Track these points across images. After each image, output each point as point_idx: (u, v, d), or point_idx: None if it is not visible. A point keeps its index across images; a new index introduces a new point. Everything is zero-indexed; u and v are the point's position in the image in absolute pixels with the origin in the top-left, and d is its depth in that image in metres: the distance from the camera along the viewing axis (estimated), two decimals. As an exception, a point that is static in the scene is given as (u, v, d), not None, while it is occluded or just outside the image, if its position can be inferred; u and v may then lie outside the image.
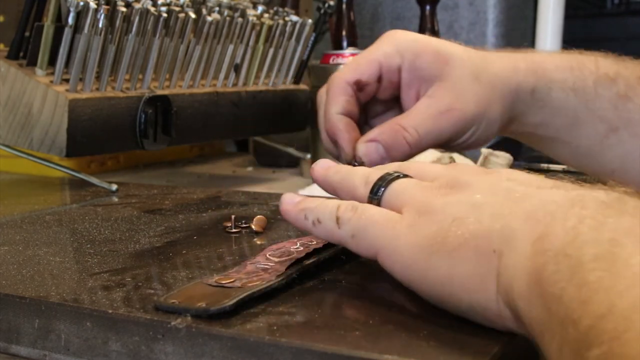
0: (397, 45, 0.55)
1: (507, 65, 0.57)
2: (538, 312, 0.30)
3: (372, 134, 0.54)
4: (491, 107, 0.56)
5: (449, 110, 0.54)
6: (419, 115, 0.54)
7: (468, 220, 0.35)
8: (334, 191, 0.45)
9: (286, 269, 0.42)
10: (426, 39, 0.56)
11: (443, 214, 0.36)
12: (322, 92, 0.58)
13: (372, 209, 0.40)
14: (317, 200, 0.42)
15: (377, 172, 0.43)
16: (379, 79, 0.56)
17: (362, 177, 0.43)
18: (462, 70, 0.55)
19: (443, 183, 0.39)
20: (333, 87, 0.56)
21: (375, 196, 0.41)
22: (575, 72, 0.58)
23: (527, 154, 1.04)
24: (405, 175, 0.42)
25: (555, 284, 0.29)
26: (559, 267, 0.29)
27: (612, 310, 0.25)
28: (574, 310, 0.27)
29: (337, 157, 0.57)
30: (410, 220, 0.37)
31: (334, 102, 0.55)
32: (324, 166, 0.46)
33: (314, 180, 0.47)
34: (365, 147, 0.54)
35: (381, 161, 0.53)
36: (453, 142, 0.57)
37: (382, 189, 0.41)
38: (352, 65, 0.56)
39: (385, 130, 0.54)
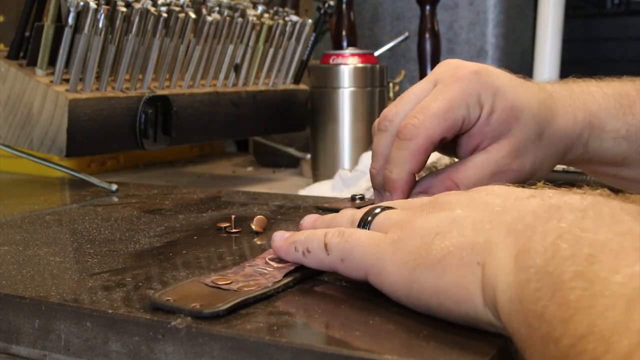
0: (480, 94, 0.52)
1: (569, 118, 0.56)
2: (520, 328, 0.30)
3: (424, 185, 0.53)
4: (545, 164, 0.56)
5: (506, 172, 0.53)
6: (474, 173, 0.52)
7: (451, 234, 0.36)
8: None
9: (283, 277, 0.42)
10: (505, 88, 0.53)
11: (425, 229, 0.37)
12: (392, 115, 0.53)
13: (358, 232, 0.40)
14: (305, 232, 0.43)
15: (362, 210, 0.43)
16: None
17: (349, 217, 0.44)
18: (528, 129, 0.53)
19: (425, 207, 0.39)
20: (418, 143, 0.51)
21: (363, 227, 0.42)
22: (627, 118, 0.58)
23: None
24: (391, 208, 0.43)
25: (537, 302, 0.29)
26: (541, 285, 0.29)
27: (592, 330, 0.25)
28: (555, 328, 0.27)
29: (375, 191, 0.55)
30: (394, 236, 0.38)
31: (413, 161, 0.51)
32: (312, 219, 0.47)
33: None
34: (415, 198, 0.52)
35: None
36: None
37: (369, 221, 0.42)
38: (438, 119, 0.51)
39: (437, 184, 0.53)
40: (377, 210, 0.42)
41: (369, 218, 0.42)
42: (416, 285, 0.36)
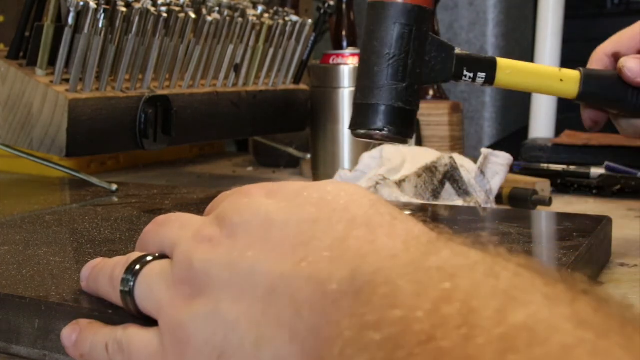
0: None
1: None
2: None
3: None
4: None
5: None
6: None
7: (233, 351, 0.29)
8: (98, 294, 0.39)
9: None
10: None
11: (201, 347, 0.30)
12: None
13: (134, 341, 0.34)
14: (88, 339, 0.36)
15: (123, 268, 0.36)
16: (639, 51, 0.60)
17: (108, 277, 0.37)
18: None
19: (180, 274, 0.32)
20: (592, 58, 0.60)
21: (127, 296, 0.35)
22: None
23: (527, 154, 1.04)
24: (152, 258, 0.36)
25: None
26: None
27: None
28: None
29: None
30: (174, 352, 0.31)
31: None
32: (85, 275, 0.40)
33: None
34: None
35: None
36: None
37: (131, 284, 0.35)
38: (614, 38, 0.60)
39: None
40: (137, 267, 0.35)
41: (131, 282, 0.35)
42: None
